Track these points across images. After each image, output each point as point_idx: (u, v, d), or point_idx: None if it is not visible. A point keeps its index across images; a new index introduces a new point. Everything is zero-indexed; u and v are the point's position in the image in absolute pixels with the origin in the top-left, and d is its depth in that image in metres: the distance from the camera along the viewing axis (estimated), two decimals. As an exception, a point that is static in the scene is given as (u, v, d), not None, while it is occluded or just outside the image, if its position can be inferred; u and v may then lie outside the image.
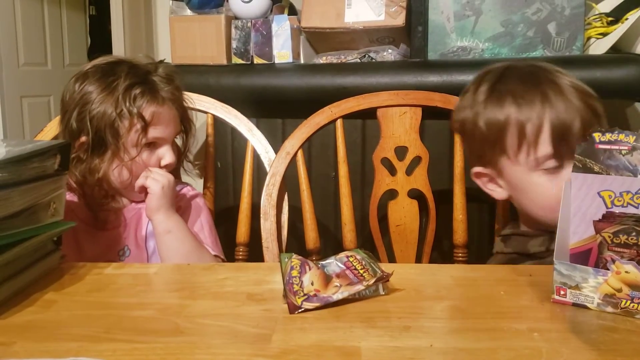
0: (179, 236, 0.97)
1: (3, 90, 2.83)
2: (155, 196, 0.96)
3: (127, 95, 0.97)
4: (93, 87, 0.98)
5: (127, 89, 0.97)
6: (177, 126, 1.04)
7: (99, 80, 0.98)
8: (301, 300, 0.63)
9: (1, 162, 0.66)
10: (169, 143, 1.02)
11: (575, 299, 0.64)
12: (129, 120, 0.97)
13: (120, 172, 0.99)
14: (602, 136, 0.62)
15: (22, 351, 0.56)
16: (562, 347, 0.55)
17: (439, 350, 0.55)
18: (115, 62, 1.01)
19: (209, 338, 0.58)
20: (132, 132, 0.97)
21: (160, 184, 0.97)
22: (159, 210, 0.96)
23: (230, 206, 1.68)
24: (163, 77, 1.03)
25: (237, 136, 1.40)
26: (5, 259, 0.67)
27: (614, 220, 0.61)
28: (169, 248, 0.96)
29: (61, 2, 3.47)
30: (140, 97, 0.97)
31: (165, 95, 1.01)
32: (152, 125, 0.98)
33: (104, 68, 1.00)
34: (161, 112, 1.00)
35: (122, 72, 0.99)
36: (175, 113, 1.03)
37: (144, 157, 1.00)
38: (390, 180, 1.15)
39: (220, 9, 1.80)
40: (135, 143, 0.98)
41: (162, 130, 1.00)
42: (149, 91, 0.99)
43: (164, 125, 1.00)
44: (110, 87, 0.97)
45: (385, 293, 0.68)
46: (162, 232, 0.96)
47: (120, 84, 0.97)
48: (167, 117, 1.01)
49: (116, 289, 0.73)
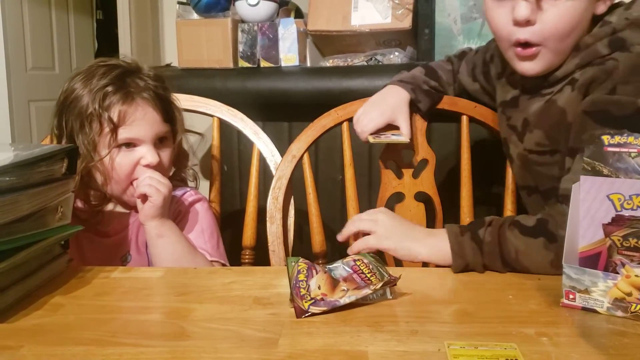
0: (171, 240, 0.96)
1: (11, 95, 2.84)
2: (156, 206, 0.95)
3: (96, 96, 0.96)
4: (73, 90, 0.99)
5: (97, 90, 0.97)
6: (156, 126, 1.00)
7: (80, 81, 0.99)
8: (308, 305, 0.63)
9: (9, 166, 0.66)
10: (149, 143, 0.99)
11: (585, 303, 0.63)
12: (97, 121, 0.96)
13: (95, 175, 0.98)
14: (611, 139, 0.61)
15: (30, 355, 0.56)
16: (572, 351, 0.54)
17: (446, 354, 0.54)
18: (100, 65, 1.01)
19: (216, 342, 0.58)
20: (104, 134, 0.96)
21: (162, 195, 0.95)
22: (153, 219, 0.96)
23: (237, 209, 1.68)
24: (144, 77, 1.01)
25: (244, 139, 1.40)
26: (13, 262, 0.67)
27: (624, 223, 0.60)
28: (160, 253, 0.96)
29: (69, 6, 3.49)
30: (109, 97, 0.96)
31: (138, 95, 0.99)
32: (123, 126, 0.97)
33: (87, 70, 1.01)
34: (130, 111, 0.97)
35: (98, 73, 0.99)
36: (152, 112, 1.00)
37: (120, 158, 0.98)
38: (397, 183, 1.14)
39: (226, 13, 1.81)
40: (107, 144, 0.97)
41: (135, 130, 0.98)
42: (118, 91, 0.97)
43: (136, 124, 0.98)
44: (85, 89, 0.98)
45: (393, 297, 0.68)
46: (155, 236, 0.96)
47: (93, 85, 0.97)
48: (140, 117, 0.98)
49: (123, 293, 0.73)
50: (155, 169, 0.99)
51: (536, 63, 0.87)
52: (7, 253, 0.66)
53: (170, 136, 1.05)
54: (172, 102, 1.06)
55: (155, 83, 1.02)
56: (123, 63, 1.03)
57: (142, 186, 0.96)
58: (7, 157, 0.70)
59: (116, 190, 1.01)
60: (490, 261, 0.78)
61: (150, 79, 1.02)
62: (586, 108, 0.82)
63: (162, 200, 0.95)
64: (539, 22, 0.82)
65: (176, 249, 0.96)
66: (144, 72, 1.03)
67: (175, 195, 1.06)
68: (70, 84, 1.00)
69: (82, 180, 0.98)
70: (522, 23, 0.82)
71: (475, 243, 0.79)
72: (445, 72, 1.15)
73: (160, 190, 0.95)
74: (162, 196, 0.95)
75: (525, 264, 0.77)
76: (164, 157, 1.02)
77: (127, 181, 0.99)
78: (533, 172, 0.96)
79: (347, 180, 1.14)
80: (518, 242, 0.77)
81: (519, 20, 0.82)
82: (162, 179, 0.97)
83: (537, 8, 0.81)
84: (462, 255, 0.78)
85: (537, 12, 0.81)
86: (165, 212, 0.97)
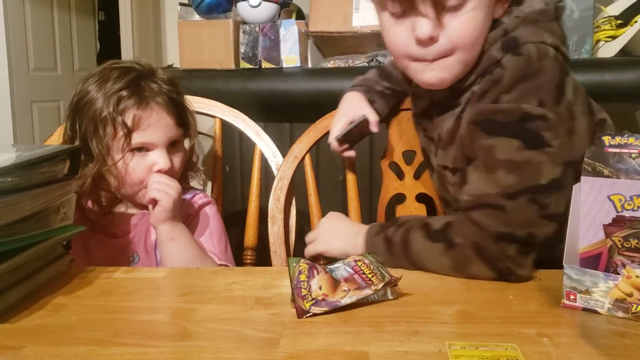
0: (181, 244, 0.96)
1: (13, 96, 2.85)
2: (166, 210, 0.95)
3: (111, 100, 0.96)
4: (87, 92, 0.99)
5: (112, 93, 0.96)
6: (169, 130, 1.00)
7: (94, 83, 0.99)
8: (309, 305, 0.63)
9: (11, 167, 0.67)
10: (162, 148, 0.99)
11: (586, 303, 0.63)
12: (111, 125, 0.96)
13: (108, 179, 0.98)
14: (611, 140, 0.61)
15: (32, 355, 0.56)
16: (572, 352, 0.55)
17: (447, 355, 0.54)
18: (114, 67, 1.01)
19: (217, 342, 0.58)
20: (117, 138, 0.96)
21: (171, 198, 0.95)
22: (165, 222, 0.96)
23: (239, 210, 1.68)
24: (158, 81, 1.01)
25: (245, 140, 1.41)
26: (15, 263, 0.67)
27: (624, 224, 0.60)
28: (171, 255, 0.96)
29: (71, 7, 3.50)
30: (123, 101, 0.96)
31: (152, 99, 0.98)
32: (137, 130, 0.97)
33: (101, 73, 1.00)
34: (145, 116, 0.97)
35: (112, 76, 0.98)
36: (166, 117, 1.00)
37: (134, 162, 0.98)
38: (398, 184, 1.14)
39: (228, 14, 1.81)
40: (120, 149, 0.97)
41: (149, 135, 0.97)
42: (133, 95, 0.97)
43: (150, 129, 0.98)
44: (99, 92, 0.97)
45: (394, 298, 0.68)
46: (166, 240, 0.96)
47: (107, 89, 0.97)
48: (154, 122, 0.98)
49: (125, 293, 0.73)
50: (166, 173, 0.99)
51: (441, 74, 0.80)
52: (10, 253, 0.66)
53: (182, 140, 1.05)
54: (185, 106, 1.06)
55: (169, 87, 1.02)
56: (137, 66, 1.02)
57: (150, 191, 0.96)
58: (10, 158, 0.70)
59: (129, 193, 1.01)
60: (398, 261, 0.79)
61: (164, 82, 1.02)
62: (472, 118, 0.79)
63: (171, 203, 0.95)
64: (443, 37, 0.76)
65: (187, 252, 0.97)
66: (158, 76, 1.02)
67: (185, 198, 1.06)
68: (84, 85, 1.00)
69: (94, 182, 0.98)
70: (426, 42, 0.76)
71: (386, 243, 0.81)
72: (400, 72, 1.07)
73: (169, 194, 0.95)
74: (171, 199, 0.95)
75: (429, 267, 0.77)
76: (176, 161, 1.02)
77: (140, 185, 0.99)
78: (447, 190, 0.92)
79: (349, 181, 1.14)
80: (420, 246, 0.78)
81: (421, 39, 0.75)
82: (170, 182, 0.97)
83: (438, 24, 0.75)
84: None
85: (439, 28, 0.75)
86: (176, 215, 0.97)
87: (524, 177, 0.73)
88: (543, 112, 0.73)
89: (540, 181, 0.74)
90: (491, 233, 0.73)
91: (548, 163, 0.74)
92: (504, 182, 0.74)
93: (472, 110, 0.79)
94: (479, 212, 0.75)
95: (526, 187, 0.73)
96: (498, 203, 0.74)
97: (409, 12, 0.76)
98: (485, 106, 0.77)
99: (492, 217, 0.74)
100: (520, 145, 0.73)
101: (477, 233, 0.74)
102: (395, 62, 0.87)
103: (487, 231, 0.73)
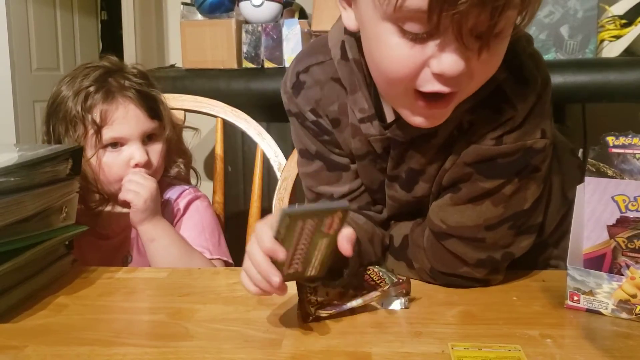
0: (164, 244, 0.95)
1: (16, 95, 2.85)
2: (139, 210, 0.94)
3: (79, 97, 0.96)
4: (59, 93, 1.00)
5: (80, 91, 0.97)
6: (141, 123, 0.99)
7: (65, 84, 1.00)
8: (314, 309, 0.63)
9: (14, 167, 0.67)
10: (136, 141, 0.98)
11: (589, 304, 0.63)
12: (81, 123, 0.96)
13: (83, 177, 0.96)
14: (615, 140, 0.61)
15: (34, 355, 0.56)
16: (576, 353, 0.54)
17: (450, 356, 0.54)
18: (85, 67, 1.02)
19: (219, 343, 0.58)
20: (89, 136, 0.96)
21: (143, 198, 0.93)
22: (142, 222, 0.95)
23: (241, 210, 1.68)
24: (126, 75, 1.01)
25: (247, 140, 1.41)
26: (17, 262, 0.67)
27: (628, 225, 0.60)
28: (155, 256, 0.96)
29: (73, 7, 3.50)
30: (91, 97, 0.96)
31: (119, 93, 0.98)
32: (106, 125, 0.96)
33: (72, 73, 1.01)
34: (112, 109, 0.97)
35: (82, 74, 0.99)
36: (135, 109, 0.99)
37: (109, 159, 0.98)
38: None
39: (230, 14, 1.81)
40: (93, 146, 0.97)
41: (119, 129, 0.97)
42: (99, 90, 0.97)
43: (119, 123, 0.97)
44: (69, 91, 0.98)
45: (406, 307, 0.66)
46: (147, 241, 0.95)
47: (76, 87, 0.97)
48: (122, 115, 0.97)
49: (127, 293, 0.73)
50: (145, 167, 0.98)
51: (442, 113, 0.63)
52: (12, 253, 0.66)
53: (159, 133, 1.04)
54: (157, 98, 1.05)
55: (139, 80, 1.01)
56: (107, 63, 1.03)
57: (122, 191, 0.95)
58: (12, 158, 0.70)
59: (111, 191, 1.00)
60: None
61: (134, 76, 1.01)
62: (470, 160, 0.68)
63: (143, 203, 0.94)
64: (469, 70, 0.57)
65: (170, 252, 0.95)
66: (127, 71, 1.02)
67: (172, 195, 1.06)
68: (58, 87, 1.01)
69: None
70: (453, 78, 0.56)
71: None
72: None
73: (139, 193, 0.94)
74: (142, 199, 0.93)
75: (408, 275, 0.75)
76: (153, 154, 1.01)
77: (119, 182, 0.97)
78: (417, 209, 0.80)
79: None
80: (389, 260, 0.78)
81: (449, 75, 0.55)
82: (143, 180, 0.95)
83: (471, 56, 0.56)
84: None
85: (469, 61, 0.56)
86: (155, 212, 0.96)
87: (508, 207, 0.69)
88: (544, 143, 0.67)
89: (524, 207, 0.69)
90: (470, 261, 0.70)
91: (534, 187, 0.70)
92: (488, 214, 0.69)
93: (469, 151, 0.68)
94: (455, 241, 0.70)
95: (509, 216, 0.69)
96: (478, 236, 0.70)
97: (436, 36, 0.55)
98: (486, 149, 0.67)
99: (470, 248, 0.70)
100: (515, 181, 0.68)
101: (453, 262, 0.71)
102: (381, 86, 0.66)
103: (464, 260, 0.70)
